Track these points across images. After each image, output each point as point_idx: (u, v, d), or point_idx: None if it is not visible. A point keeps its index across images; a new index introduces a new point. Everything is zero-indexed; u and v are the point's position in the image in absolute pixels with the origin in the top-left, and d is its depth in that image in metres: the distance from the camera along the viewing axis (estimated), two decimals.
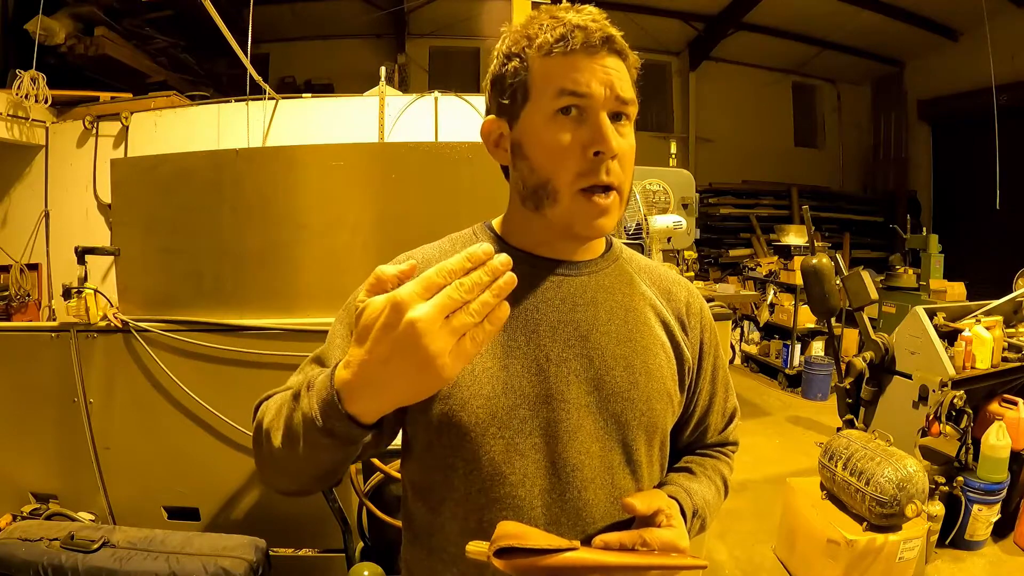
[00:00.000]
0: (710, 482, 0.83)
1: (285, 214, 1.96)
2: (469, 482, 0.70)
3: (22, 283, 3.34)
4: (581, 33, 0.66)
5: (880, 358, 2.69)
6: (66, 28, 4.17)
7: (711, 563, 2.55)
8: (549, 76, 0.67)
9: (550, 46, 0.66)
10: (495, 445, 0.69)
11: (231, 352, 1.91)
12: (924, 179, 8.49)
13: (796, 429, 4.35)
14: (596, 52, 0.66)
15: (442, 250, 0.78)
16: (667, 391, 0.76)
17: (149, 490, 2.02)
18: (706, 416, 0.87)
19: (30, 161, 3.35)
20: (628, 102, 0.68)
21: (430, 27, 7.69)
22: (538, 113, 0.68)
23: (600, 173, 0.67)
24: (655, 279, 0.82)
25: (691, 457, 0.88)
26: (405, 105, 3.11)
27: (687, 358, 0.80)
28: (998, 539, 2.68)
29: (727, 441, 0.91)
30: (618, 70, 0.68)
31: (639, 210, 2.48)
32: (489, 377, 0.69)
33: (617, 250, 0.82)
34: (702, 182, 7.26)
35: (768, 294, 5.75)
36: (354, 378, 0.51)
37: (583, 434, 0.71)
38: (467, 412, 0.68)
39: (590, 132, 0.66)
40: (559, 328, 0.72)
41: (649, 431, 0.75)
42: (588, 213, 0.68)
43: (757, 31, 7.82)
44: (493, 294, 0.49)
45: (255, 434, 0.66)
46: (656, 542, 0.64)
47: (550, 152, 0.68)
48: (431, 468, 0.73)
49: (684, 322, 0.81)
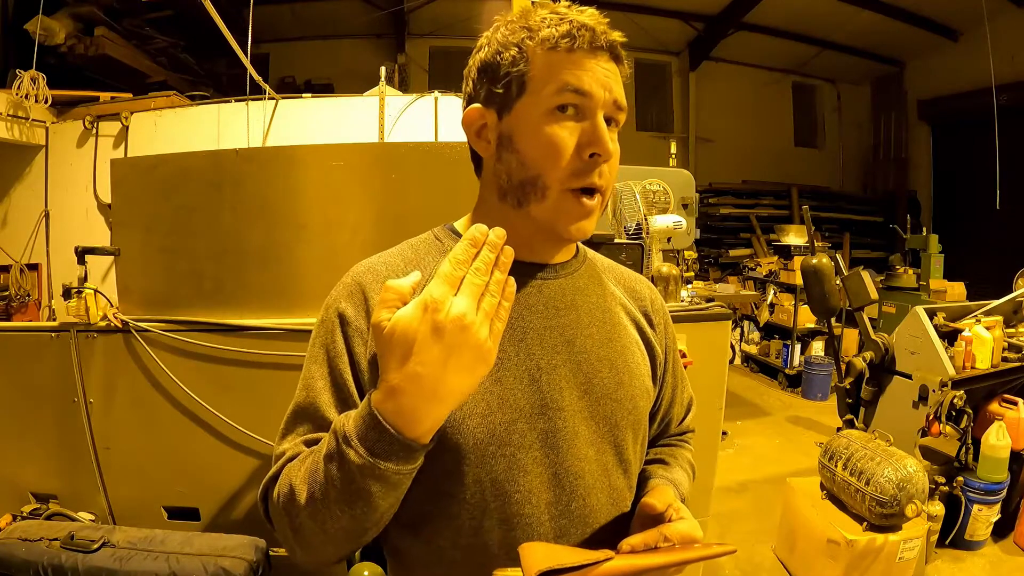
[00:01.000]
0: (682, 470, 0.85)
1: (285, 214, 1.96)
2: (470, 506, 0.66)
3: (22, 283, 3.34)
4: (588, 33, 0.65)
5: (880, 358, 2.69)
6: (66, 28, 4.17)
7: (711, 563, 2.55)
8: (552, 70, 0.65)
9: (556, 40, 0.65)
10: (497, 464, 0.66)
11: (231, 352, 1.91)
12: (924, 179, 8.50)
13: (796, 429, 4.35)
14: (599, 54, 0.66)
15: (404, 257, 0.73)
16: (646, 387, 0.77)
17: (149, 490, 2.02)
18: (671, 408, 0.89)
19: (30, 161, 3.35)
20: (623, 108, 0.69)
21: (430, 27, 7.69)
22: (536, 107, 0.66)
23: (593, 175, 0.66)
24: (619, 278, 0.83)
25: (659, 448, 0.89)
26: (405, 105, 3.10)
27: (658, 353, 0.81)
28: (998, 539, 2.68)
29: (686, 429, 0.94)
30: (616, 76, 0.68)
31: (639, 210, 2.48)
32: (483, 393, 0.65)
33: (583, 251, 0.81)
34: (702, 182, 7.26)
35: (768, 294, 5.75)
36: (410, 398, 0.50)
37: (579, 440, 0.70)
38: (463, 434, 0.64)
39: (589, 133, 0.65)
40: (545, 334, 0.70)
41: (635, 429, 0.75)
42: (573, 213, 0.67)
43: (757, 31, 7.82)
44: (501, 270, 0.51)
45: (278, 518, 0.62)
46: (676, 536, 0.64)
47: (546, 148, 0.65)
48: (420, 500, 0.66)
49: (650, 318, 0.82)
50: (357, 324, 0.67)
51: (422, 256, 0.73)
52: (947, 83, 7.65)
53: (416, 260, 0.73)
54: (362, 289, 0.69)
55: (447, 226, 0.77)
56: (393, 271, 0.71)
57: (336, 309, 0.68)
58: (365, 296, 0.68)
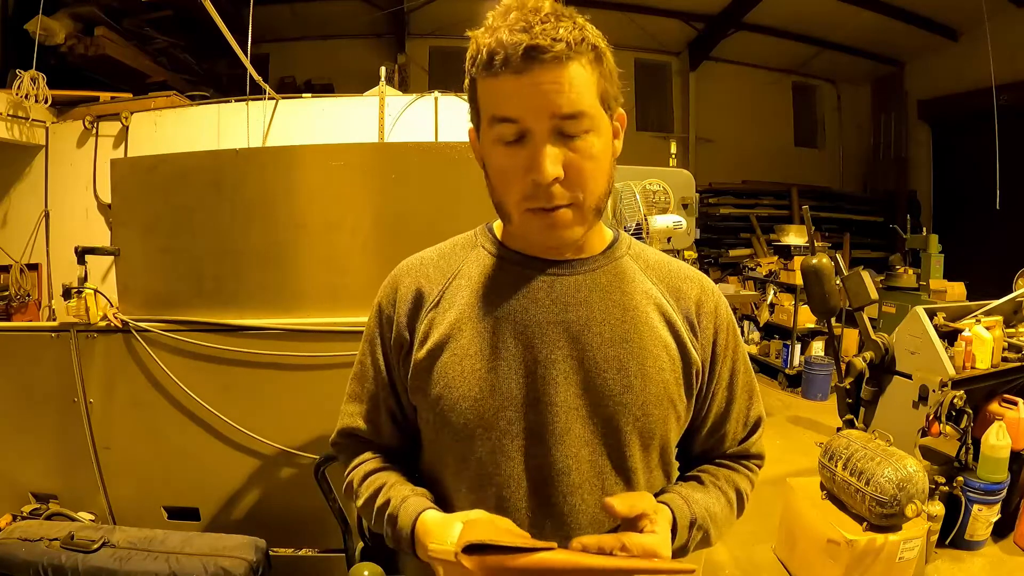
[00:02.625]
0: (720, 493, 0.79)
1: (285, 214, 1.96)
2: (460, 480, 0.73)
3: (22, 283, 3.34)
4: (502, 51, 0.60)
5: (880, 358, 2.69)
6: (66, 28, 4.16)
7: (711, 563, 2.55)
8: (485, 100, 0.66)
9: (480, 70, 0.63)
10: (482, 446, 0.70)
11: (231, 352, 1.91)
12: (924, 179, 8.48)
13: (796, 429, 4.35)
14: (524, 69, 0.60)
15: (441, 252, 0.80)
16: (668, 395, 0.72)
17: (149, 490, 2.02)
18: (722, 423, 0.81)
19: (30, 161, 3.35)
20: (574, 116, 0.62)
21: (430, 27, 7.68)
22: (485, 136, 0.67)
23: (540, 199, 0.64)
24: (664, 276, 0.78)
25: (705, 467, 0.83)
26: (405, 105, 3.10)
27: (694, 360, 0.75)
28: (998, 539, 2.68)
29: (748, 453, 0.84)
30: (555, 82, 0.60)
31: (639, 210, 2.48)
32: (477, 379, 0.70)
33: (623, 246, 0.78)
34: (702, 182, 7.24)
35: (768, 294, 5.75)
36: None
37: (571, 438, 0.69)
38: (456, 413, 0.70)
39: (526, 158, 0.63)
40: (548, 329, 0.71)
41: (645, 437, 0.72)
42: (539, 227, 0.67)
43: (757, 31, 7.80)
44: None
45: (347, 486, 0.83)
46: (636, 547, 0.61)
47: (497, 176, 0.68)
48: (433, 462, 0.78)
49: (693, 322, 0.76)
50: (388, 313, 0.79)
51: (457, 252, 0.80)
52: (947, 83, 7.63)
53: (452, 255, 0.79)
54: (395, 282, 0.80)
55: (487, 225, 0.81)
56: (428, 265, 0.79)
57: (377, 301, 0.81)
58: (396, 288, 0.79)
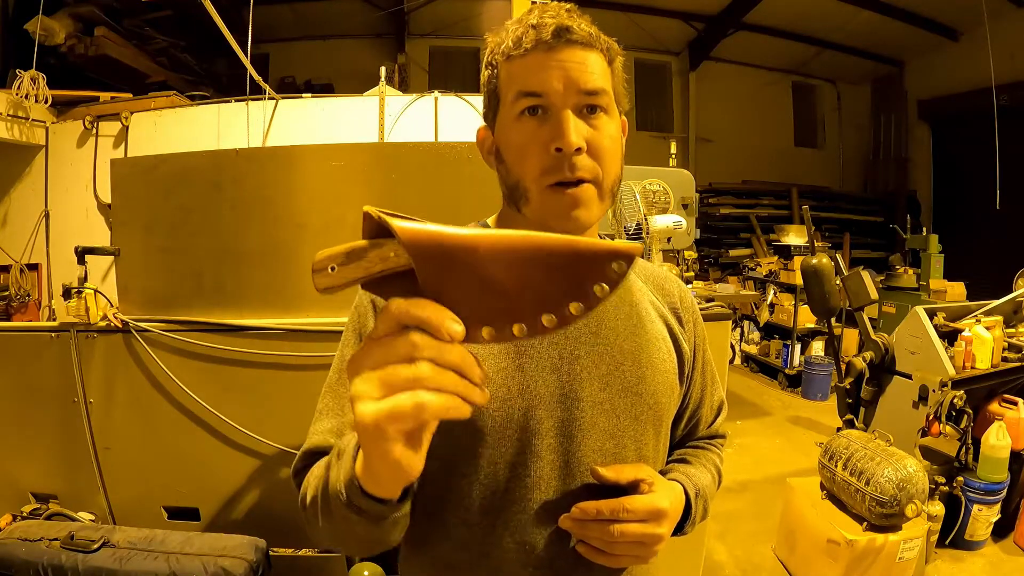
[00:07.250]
0: (705, 470, 0.84)
1: (285, 214, 1.96)
2: (483, 486, 0.69)
3: (22, 283, 3.34)
4: (533, 32, 0.66)
5: (880, 358, 2.69)
6: (66, 28, 4.17)
7: (711, 563, 2.55)
8: (511, 80, 0.69)
9: (509, 50, 0.68)
10: (511, 448, 0.68)
11: (231, 352, 1.91)
12: (924, 179, 8.49)
13: (796, 429, 4.35)
14: (552, 48, 0.66)
15: None
16: (670, 384, 0.77)
17: (149, 490, 2.02)
18: (698, 409, 0.88)
19: (30, 161, 3.35)
20: (596, 92, 0.67)
21: (430, 27, 7.69)
22: (506, 116, 0.70)
23: (564, 169, 0.66)
24: (648, 275, 0.84)
25: (684, 450, 0.89)
26: (405, 105, 3.10)
27: (685, 351, 0.81)
28: (998, 539, 2.68)
29: (716, 434, 0.93)
30: (581, 62, 0.66)
31: (639, 210, 2.48)
32: (504, 379, 0.69)
33: None
34: (702, 182, 7.25)
35: (768, 294, 5.75)
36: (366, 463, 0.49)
37: (597, 432, 0.70)
38: (482, 417, 0.67)
39: (550, 129, 0.66)
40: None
41: (656, 424, 0.75)
42: (560, 205, 0.68)
43: (757, 31, 7.82)
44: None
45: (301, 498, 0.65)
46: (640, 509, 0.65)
47: (516, 152, 0.69)
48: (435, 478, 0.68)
49: (679, 316, 0.83)
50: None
51: None
52: (947, 83, 7.64)
53: None
54: None
55: (480, 223, 0.81)
56: None
57: (369, 296, 0.73)
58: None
